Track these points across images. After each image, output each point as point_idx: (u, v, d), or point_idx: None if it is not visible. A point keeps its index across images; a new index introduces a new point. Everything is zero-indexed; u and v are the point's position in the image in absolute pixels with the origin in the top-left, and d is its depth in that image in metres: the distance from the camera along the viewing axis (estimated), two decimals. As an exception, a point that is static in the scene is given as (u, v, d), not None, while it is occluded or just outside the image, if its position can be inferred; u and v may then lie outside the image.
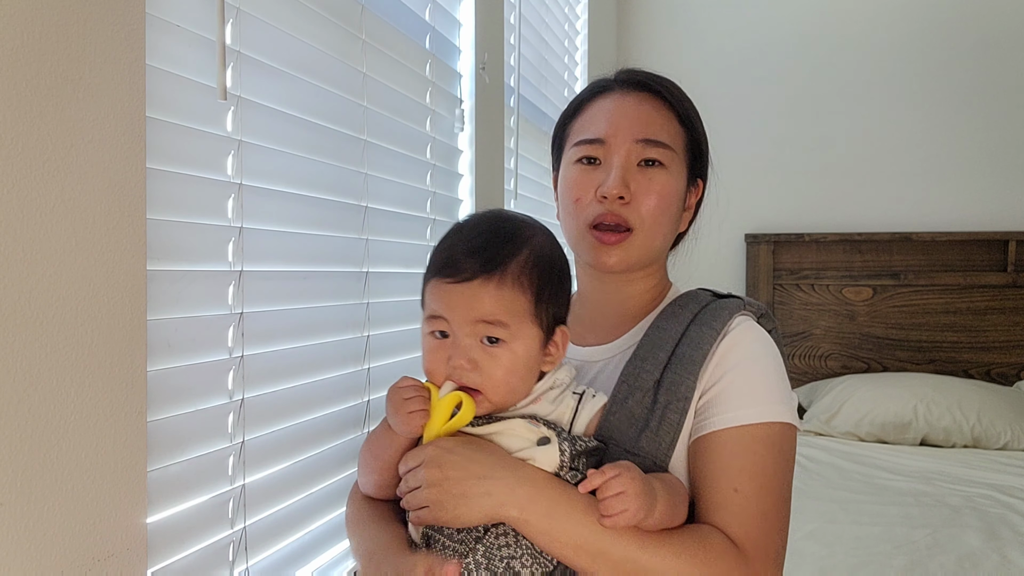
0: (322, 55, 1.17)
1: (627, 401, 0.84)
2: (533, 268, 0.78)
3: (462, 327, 0.77)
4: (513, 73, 2.05)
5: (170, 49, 0.86)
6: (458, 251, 0.78)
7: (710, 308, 0.90)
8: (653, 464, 0.82)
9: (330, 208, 1.20)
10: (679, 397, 0.83)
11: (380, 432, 0.83)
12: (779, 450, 0.82)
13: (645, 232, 0.90)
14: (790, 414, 0.83)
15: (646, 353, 0.87)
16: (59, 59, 0.68)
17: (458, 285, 0.76)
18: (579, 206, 0.92)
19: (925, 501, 2.08)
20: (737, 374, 0.83)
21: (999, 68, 3.10)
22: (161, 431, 0.84)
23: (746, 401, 0.82)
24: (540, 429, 0.78)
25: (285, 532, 1.08)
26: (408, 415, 0.77)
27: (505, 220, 0.82)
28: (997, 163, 3.10)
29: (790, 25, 3.30)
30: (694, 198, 0.99)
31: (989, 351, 3.07)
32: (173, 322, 0.87)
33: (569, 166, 0.95)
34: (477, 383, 0.77)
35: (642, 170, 0.91)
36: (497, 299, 0.76)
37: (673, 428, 0.83)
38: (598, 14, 3.14)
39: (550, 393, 0.82)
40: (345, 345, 1.24)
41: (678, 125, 0.94)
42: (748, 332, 0.88)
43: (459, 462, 0.74)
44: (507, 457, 0.76)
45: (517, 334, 0.77)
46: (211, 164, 0.94)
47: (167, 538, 0.85)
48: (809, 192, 3.27)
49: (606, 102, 0.94)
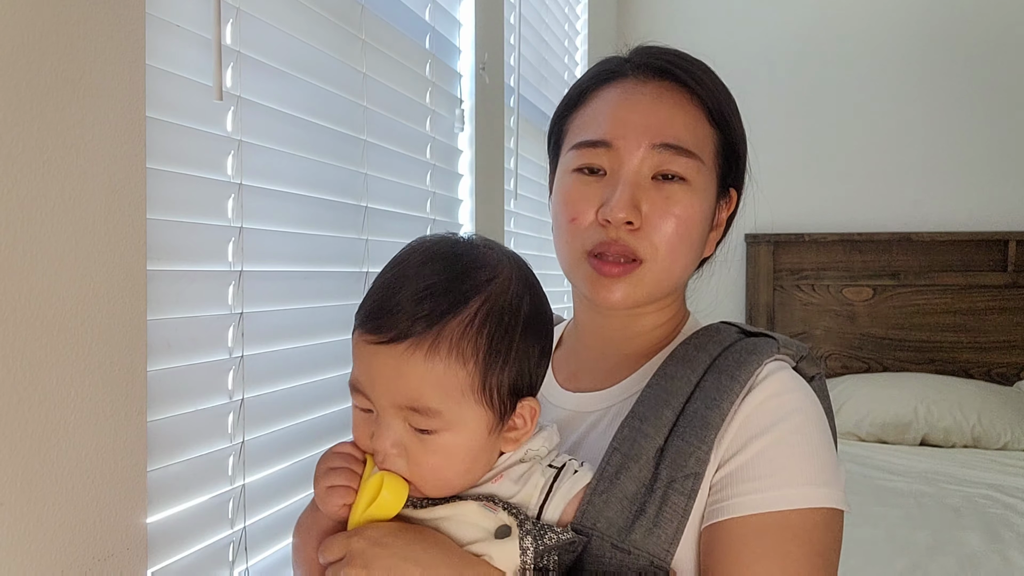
0: (322, 55, 1.17)
1: (619, 477, 0.64)
2: (481, 328, 0.60)
3: (386, 408, 0.60)
4: (513, 73, 2.05)
5: (170, 49, 0.86)
6: (391, 296, 0.61)
7: (734, 351, 0.70)
8: (650, 565, 0.62)
9: (330, 208, 1.20)
10: (687, 473, 0.64)
11: (308, 510, 0.67)
12: (818, 547, 0.62)
13: (658, 264, 0.71)
14: (836, 497, 0.64)
15: (646, 411, 0.68)
16: (59, 59, 0.68)
17: (381, 347, 0.60)
18: (575, 228, 0.73)
19: (926, 502, 2.08)
20: (766, 442, 0.64)
21: (999, 68, 3.10)
22: (161, 431, 0.84)
23: (777, 480, 0.63)
24: (499, 515, 0.61)
25: (285, 532, 1.08)
26: (328, 490, 0.61)
27: (460, 255, 0.63)
28: (997, 163, 3.10)
29: (790, 26, 3.30)
30: (725, 213, 0.80)
31: (989, 351, 3.07)
32: (173, 322, 0.87)
33: (566, 174, 0.75)
34: (404, 472, 0.60)
35: (658, 185, 0.71)
36: (427, 375, 0.58)
37: (677, 516, 0.63)
38: (598, 14, 3.14)
39: (516, 468, 0.64)
40: (345, 345, 1.23)
41: (708, 124, 0.74)
42: (783, 384, 0.68)
43: (389, 560, 0.57)
44: (455, 553, 0.59)
45: (453, 421, 0.60)
46: (211, 164, 0.94)
47: (167, 538, 0.85)
48: (809, 192, 3.27)
49: (615, 92, 0.74)
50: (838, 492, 0.65)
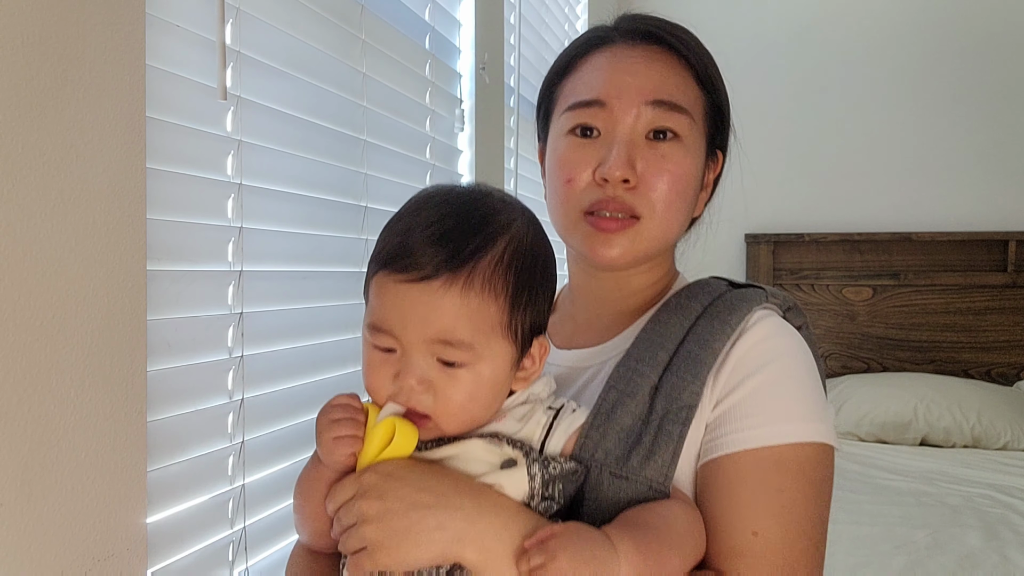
0: (322, 55, 1.17)
1: (615, 411, 0.67)
2: (510, 266, 0.62)
3: (415, 344, 0.61)
4: (513, 73, 2.05)
5: (170, 49, 0.86)
6: (416, 238, 0.61)
7: (724, 299, 0.73)
8: (648, 489, 0.64)
9: (330, 208, 1.20)
10: (681, 404, 0.67)
11: (309, 467, 0.67)
12: (811, 479, 0.65)
13: (656, 221, 0.72)
14: (827, 432, 0.67)
15: (642, 352, 0.70)
16: (59, 59, 0.68)
17: (413, 286, 0.60)
18: (571, 188, 0.74)
19: (925, 501, 2.08)
20: (758, 381, 0.67)
21: (999, 68, 3.10)
22: (161, 431, 0.84)
23: (770, 416, 0.66)
24: (504, 449, 0.63)
25: (285, 532, 1.08)
26: (334, 440, 0.61)
27: (478, 199, 0.65)
28: (997, 163, 3.10)
29: (790, 25, 3.30)
30: (712, 174, 0.81)
31: (989, 351, 3.07)
32: (173, 322, 0.87)
33: (559, 138, 0.76)
34: (429, 407, 0.61)
35: (652, 144, 0.72)
36: (462, 310, 0.60)
37: (673, 442, 0.65)
38: (598, 14, 3.14)
39: (519, 409, 0.66)
40: (345, 345, 1.24)
41: (696, 86, 0.75)
42: (772, 329, 0.71)
43: (404, 490, 0.58)
44: (467, 482, 0.60)
45: (483, 354, 0.62)
46: (211, 164, 0.94)
47: (167, 538, 0.85)
48: (809, 192, 3.27)
49: (605, 56, 0.76)
50: (827, 428, 0.67)
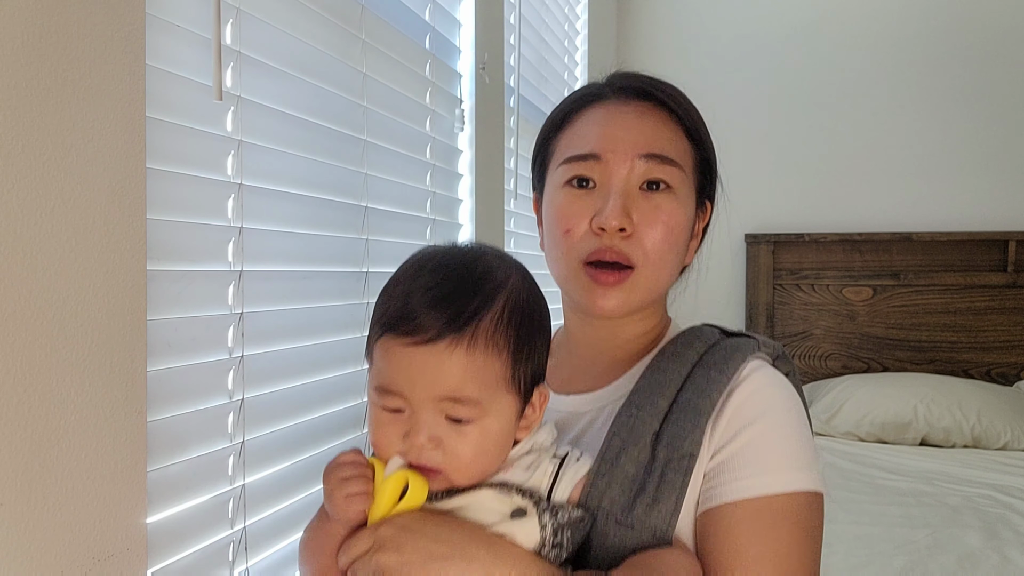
0: (322, 55, 1.17)
1: (619, 459, 0.70)
2: (510, 322, 0.64)
3: (423, 404, 0.63)
4: (513, 73, 2.05)
5: (170, 49, 0.86)
6: (417, 301, 0.63)
7: (718, 348, 0.77)
8: (652, 537, 0.67)
9: (330, 208, 1.20)
10: (682, 453, 0.69)
11: (316, 523, 0.69)
12: (805, 527, 0.68)
13: (649, 269, 0.76)
14: (817, 480, 0.70)
15: (642, 400, 0.73)
16: (59, 59, 0.68)
17: (419, 348, 0.62)
18: (570, 239, 0.77)
19: (925, 501, 2.08)
20: (754, 432, 0.70)
21: (999, 68, 3.10)
22: (161, 431, 0.84)
23: (766, 465, 0.68)
24: (514, 499, 0.64)
25: (285, 532, 1.08)
26: (346, 499, 0.63)
27: (473, 259, 0.67)
28: (997, 163, 3.10)
29: (790, 25, 3.30)
30: (701, 224, 0.85)
31: (989, 351, 3.07)
32: (173, 322, 0.87)
33: (556, 190, 0.79)
34: (439, 463, 0.63)
35: (646, 195, 0.76)
36: (468, 369, 0.62)
37: (675, 491, 0.68)
38: (598, 14, 3.14)
39: (525, 459, 0.68)
40: (345, 345, 1.24)
41: (686, 140, 0.79)
42: (765, 380, 0.74)
43: (420, 542, 0.60)
44: (481, 533, 0.62)
45: (490, 409, 0.64)
46: (211, 164, 0.94)
47: (167, 538, 0.85)
48: (809, 192, 3.27)
49: (600, 112, 0.79)
50: (818, 476, 0.71)
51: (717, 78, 3.33)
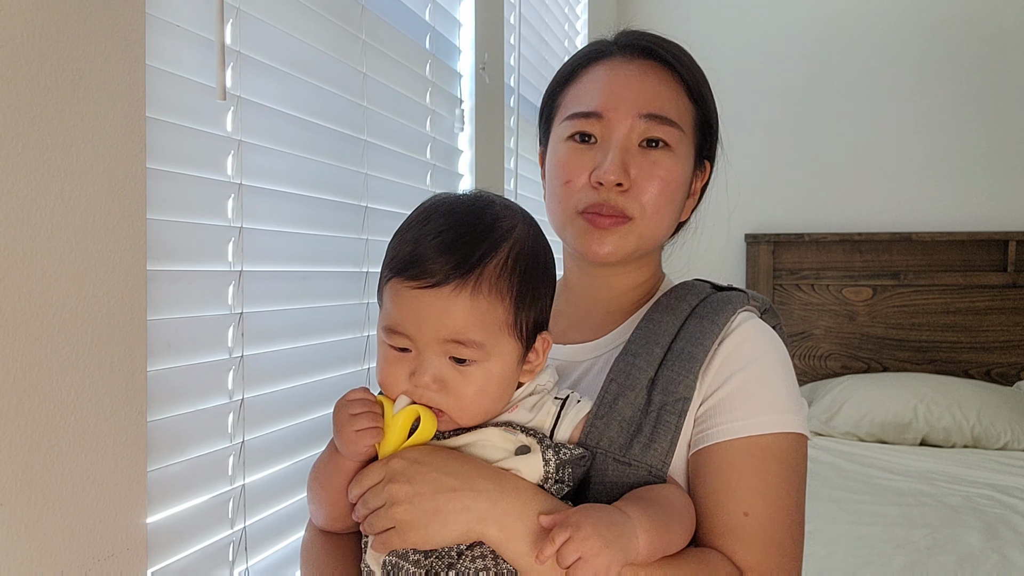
0: (322, 55, 1.17)
1: (616, 402, 0.74)
2: (514, 268, 0.67)
3: (429, 345, 0.66)
4: (513, 73, 2.05)
5: (170, 49, 0.86)
6: (426, 247, 0.66)
7: (710, 301, 0.80)
8: (648, 474, 0.71)
9: (330, 208, 1.20)
10: (677, 397, 0.73)
11: (326, 457, 0.71)
12: (792, 465, 0.73)
13: (645, 221, 0.79)
14: (802, 423, 0.75)
15: (638, 348, 0.77)
16: (59, 59, 0.68)
17: (426, 291, 0.65)
18: (569, 189, 0.80)
19: (925, 501, 2.08)
20: (744, 378, 0.74)
21: (999, 68, 3.10)
22: (161, 431, 0.84)
23: (755, 408, 0.73)
24: (518, 437, 0.68)
25: (285, 532, 1.08)
26: (356, 433, 0.65)
27: (481, 208, 0.70)
28: (997, 163, 3.10)
29: (790, 25, 3.30)
30: (700, 182, 0.88)
31: (989, 351, 3.07)
32: (173, 322, 0.87)
33: (559, 143, 0.82)
34: (443, 404, 0.67)
35: (644, 152, 0.79)
36: (471, 311, 0.65)
37: (670, 432, 0.72)
38: (598, 14, 3.14)
39: (529, 400, 0.72)
40: (345, 345, 1.24)
41: (687, 100, 0.82)
42: (754, 330, 0.78)
43: (431, 474, 0.63)
44: (487, 467, 0.66)
45: (492, 351, 0.66)
46: (211, 164, 0.94)
47: (167, 538, 0.85)
48: (809, 192, 3.27)
49: (604, 69, 0.82)
50: (803, 420, 0.75)
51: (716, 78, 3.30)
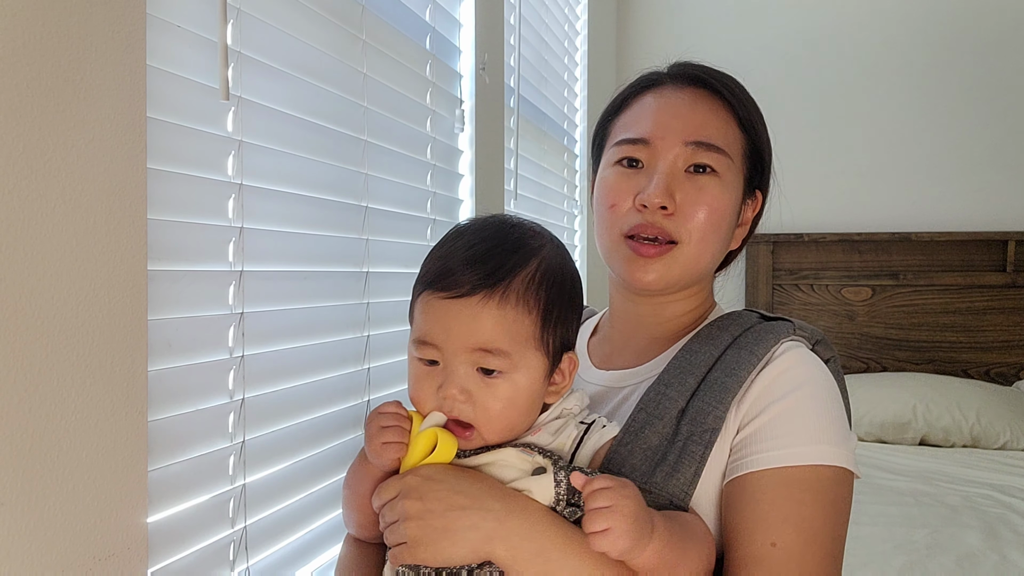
0: (322, 55, 1.17)
1: (643, 431, 0.73)
2: (541, 284, 0.69)
3: (457, 355, 0.67)
4: (513, 73, 2.05)
5: (171, 49, 0.86)
6: (456, 260, 0.68)
7: (753, 331, 0.78)
8: (668, 503, 0.70)
9: (330, 208, 1.20)
10: (705, 428, 0.72)
11: (357, 464, 0.75)
12: (830, 499, 0.69)
13: (691, 247, 0.78)
14: (845, 456, 0.70)
15: (671, 378, 0.76)
16: (59, 59, 0.68)
17: (455, 301, 0.67)
18: (614, 213, 0.80)
19: (924, 501, 2.08)
20: (783, 407, 0.71)
21: (999, 68, 3.10)
22: (161, 431, 0.84)
23: (793, 439, 0.70)
24: (535, 458, 0.68)
25: (285, 532, 1.08)
26: (382, 445, 0.68)
27: (511, 227, 0.72)
28: (997, 163, 3.10)
29: (789, 26, 3.30)
30: (751, 212, 0.87)
31: (988, 351, 3.07)
32: (173, 322, 0.87)
33: (607, 168, 0.84)
34: (470, 416, 0.68)
35: (691, 177, 0.79)
36: (499, 322, 0.67)
37: (695, 462, 0.71)
38: (598, 14, 3.14)
39: (553, 423, 0.72)
40: (345, 345, 1.24)
41: (737, 129, 0.82)
42: (798, 359, 0.75)
43: (442, 492, 0.65)
44: (498, 487, 0.66)
45: (519, 363, 0.68)
46: (211, 164, 0.94)
47: (167, 538, 0.85)
48: (809, 192, 3.27)
49: (654, 97, 0.83)
50: (848, 454, 0.71)
51: (717, 78, 3.32)
